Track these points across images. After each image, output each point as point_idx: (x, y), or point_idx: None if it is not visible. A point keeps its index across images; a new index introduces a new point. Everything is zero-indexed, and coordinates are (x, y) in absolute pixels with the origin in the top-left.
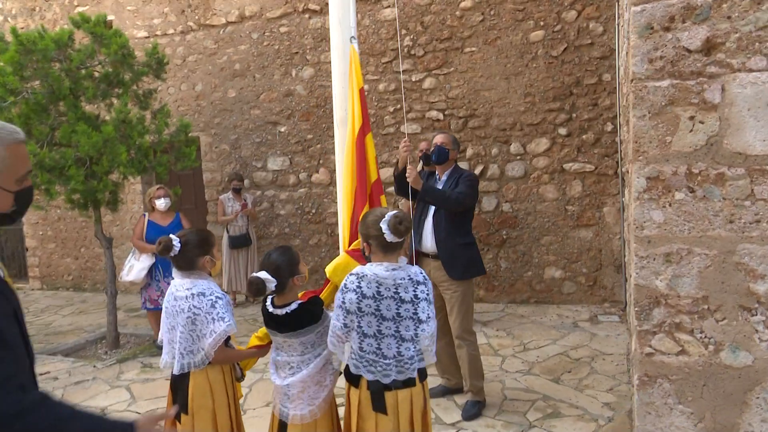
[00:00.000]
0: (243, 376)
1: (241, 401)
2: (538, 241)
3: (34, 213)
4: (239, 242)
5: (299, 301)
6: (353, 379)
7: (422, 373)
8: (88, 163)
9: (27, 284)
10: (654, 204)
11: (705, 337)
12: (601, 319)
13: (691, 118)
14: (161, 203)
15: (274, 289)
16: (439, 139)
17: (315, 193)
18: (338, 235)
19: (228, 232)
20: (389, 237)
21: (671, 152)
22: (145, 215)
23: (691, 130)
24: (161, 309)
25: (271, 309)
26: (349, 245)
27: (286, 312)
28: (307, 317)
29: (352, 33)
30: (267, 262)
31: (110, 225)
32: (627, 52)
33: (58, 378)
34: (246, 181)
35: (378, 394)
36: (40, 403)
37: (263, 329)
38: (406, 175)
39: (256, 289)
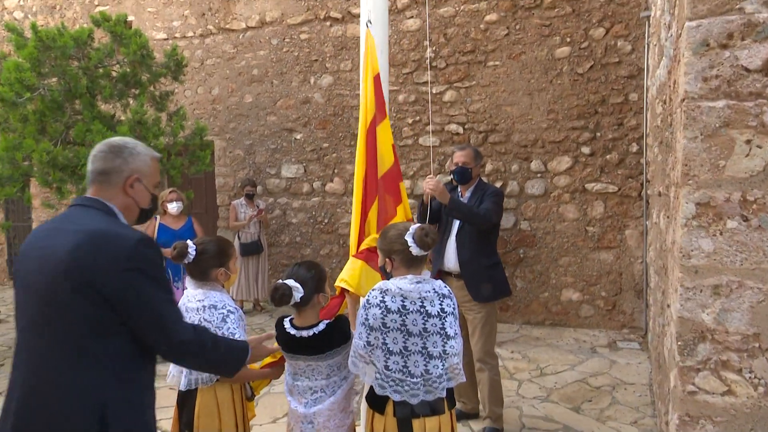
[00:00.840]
0: (254, 395)
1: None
2: (556, 262)
3: (43, 211)
4: (250, 249)
5: (326, 321)
6: (377, 406)
7: (451, 400)
8: None
9: None
10: (703, 232)
11: (754, 377)
12: (621, 346)
13: (748, 141)
14: (173, 207)
15: (299, 300)
16: (459, 158)
17: (328, 203)
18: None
19: (239, 238)
20: (415, 250)
21: (724, 177)
22: (156, 218)
23: (747, 155)
24: None
25: (293, 331)
26: (359, 245)
27: (314, 333)
28: (337, 337)
29: (369, 16)
30: (294, 273)
31: None
32: (669, 70)
33: None
34: (259, 188)
35: (405, 421)
36: (201, 329)
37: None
38: (430, 187)
39: (281, 295)
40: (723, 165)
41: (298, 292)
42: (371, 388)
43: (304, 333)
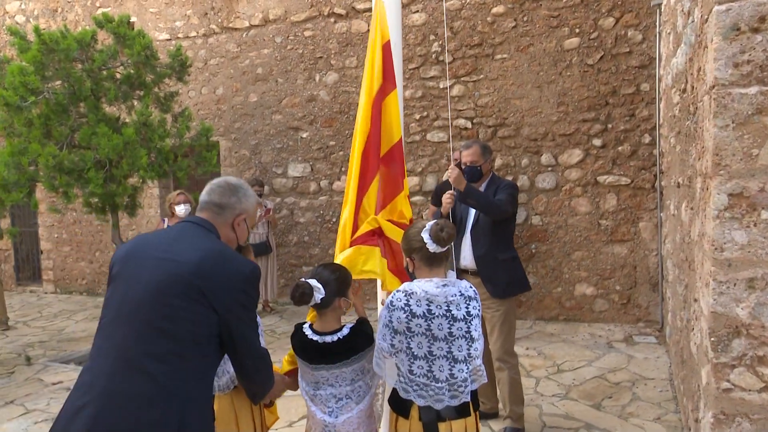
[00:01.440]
0: (273, 401)
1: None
2: (569, 256)
3: (49, 216)
4: (259, 250)
5: (349, 325)
6: (402, 409)
7: (475, 401)
8: (107, 166)
9: (40, 287)
10: (736, 223)
11: None
12: (637, 340)
13: None
14: (181, 209)
15: (319, 301)
16: (467, 157)
17: (336, 201)
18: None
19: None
20: (432, 247)
21: (758, 166)
22: (164, 220)
23: None
24: None
25: (315, 337)
26: (353, 232)
27: (339, 338)
28: (360, 341)
29: None
30: (317, 273)
31: (126, 229)
32: (690, 57)
33: (70, 388)
34: (266, 188)
35: (431, 425)
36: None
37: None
38: (448, 174)
39: (301, 294)
40: (756, 154)
41: (319, 293)
42: (394, 390)
43: (328, 338)
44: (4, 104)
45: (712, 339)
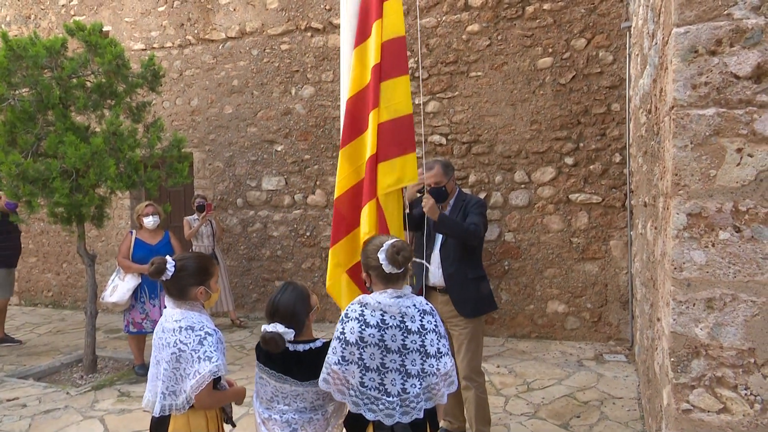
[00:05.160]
0: (232, 421)
1: None
2: (541, 274)
3: None
4: None
5: (323, 339)
6: (357, 430)
7: (433, 422)
8: (74, 176)
9: None
10: (695, 243)
11: (750, 394)
12: (607, 358)
13: (739, 150)
14: (149, 221)
15: (292, 338)
16: (430, 179)
17: (310, 215)
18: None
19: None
20: (387, 268)
21: (716, 187)
22: (132, 233)
23: (738, 164)
24: (144, 333)
25: (288, 346)
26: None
27: (311, 348)
28: None
29: None
30: (279, 306)
31: (95, 240)
32: (654, 78)
33: (26, 405)
34: (239, 200)
35: None
36: None
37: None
38: (423, 203)
39: (275, 345)
40: (714, 174)
41: (289, 334)
42: (349, 413)
43: (300, 347)
44: None
45: (672, 359)
